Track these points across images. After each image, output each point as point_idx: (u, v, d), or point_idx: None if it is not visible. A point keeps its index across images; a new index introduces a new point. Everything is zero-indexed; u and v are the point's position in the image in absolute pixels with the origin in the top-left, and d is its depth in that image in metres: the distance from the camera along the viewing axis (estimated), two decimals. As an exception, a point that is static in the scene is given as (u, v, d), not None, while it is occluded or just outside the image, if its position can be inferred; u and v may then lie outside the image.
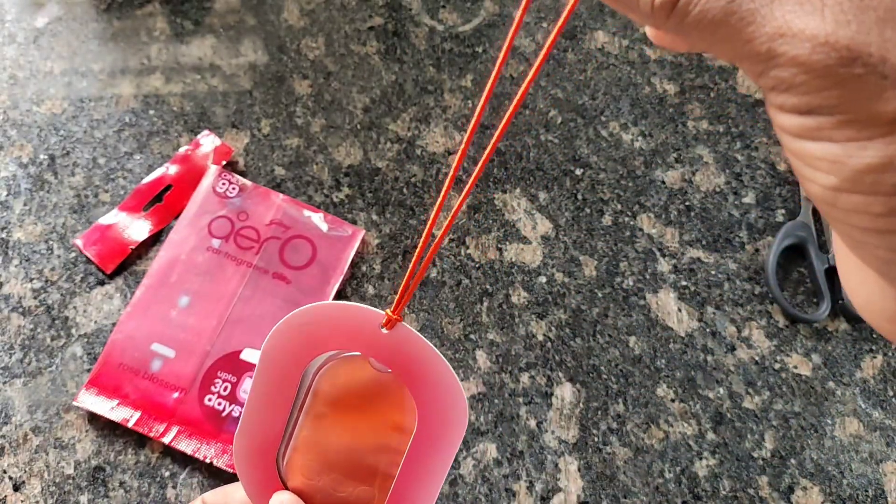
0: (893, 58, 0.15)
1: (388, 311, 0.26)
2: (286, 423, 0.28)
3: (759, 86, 0.18)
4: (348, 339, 0.27)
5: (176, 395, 0.40)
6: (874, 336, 0.44)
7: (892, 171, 0.16)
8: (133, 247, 0.43)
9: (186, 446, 0.38)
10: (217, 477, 0.39)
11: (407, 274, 0.25)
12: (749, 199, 0.47)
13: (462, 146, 0.22)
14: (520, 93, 0.20)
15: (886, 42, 0.15)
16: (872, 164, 0.16)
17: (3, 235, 0.44)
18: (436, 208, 0.23)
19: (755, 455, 0.41)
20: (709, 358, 0.43)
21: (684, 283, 0.45)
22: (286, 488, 0.29)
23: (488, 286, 0.44)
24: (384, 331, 0.26)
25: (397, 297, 0.26)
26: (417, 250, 0.25)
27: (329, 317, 0.27)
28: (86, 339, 0.41)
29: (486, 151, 0.21)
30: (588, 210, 0.47)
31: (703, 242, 0.46)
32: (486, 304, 0.44)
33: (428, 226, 0.24)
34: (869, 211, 0.17)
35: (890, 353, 0.44)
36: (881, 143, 0.16)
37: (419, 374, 0.27)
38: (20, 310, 0.42)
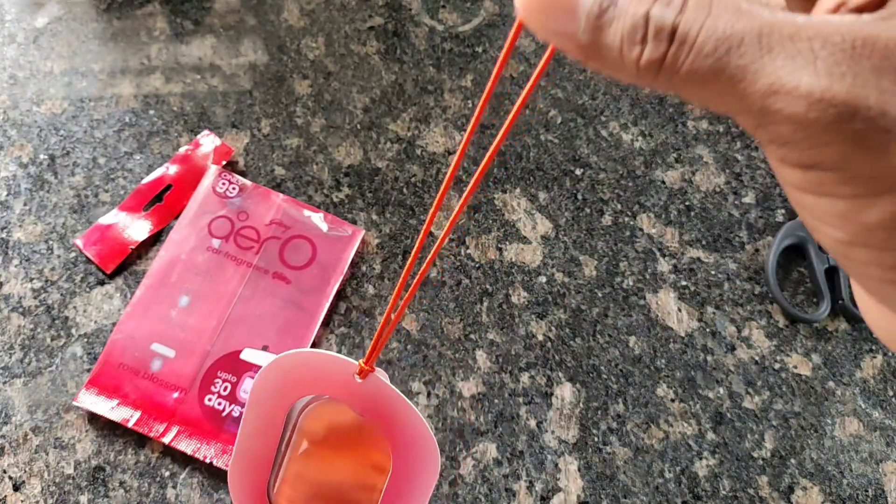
0: (893, 110, 0.14)
1: (360, 361, 0.27)
2: (274, 456, 0.30)
3: (756, 139, 0.17)
4: (326, 385, 0.29)
5: (176, 394, 0.40)
6: (874, 336, 0.44)
7: None
8: (133, 247, 0.43)
9: (186, 446, 0.38)
10: (217, 477, 0.39)
11: (380, 326, 0.26)
12: (749, 198, 0.47)
13: (459, 149, 0.22)
14: (519, 100, 0.20)
15: (884, 93, 0.14)
16: (883, 220, 0.15)
17: (3, 235, 0.44)
18: (422, 233, 0.23)
19: (755, 455, 0.41)
20: (709, 358, 0.43)
21: (684, 282, 0.45)
22: None
23: (488, 286, 0.44)
24: (358, 379, 0.28)
25: (370, 348, 0.27)
26: (392, 298, 0.26)
27: (309, 363, 0.29)
28: (86, 339, 0.41)
29: (485, 158, 0.21)
30: (588, 210, 0.47)
31: (703, 242, 0.46)
32: (486, 304, 0.44)
33: (405, 269, 0.23)
34: (883, 264, 0.16)
35: (890, 354, 0.44)
36: (890, 198, 0.15)
37: (392, 422, 0.28)
38: (20, 310, 0.42)
